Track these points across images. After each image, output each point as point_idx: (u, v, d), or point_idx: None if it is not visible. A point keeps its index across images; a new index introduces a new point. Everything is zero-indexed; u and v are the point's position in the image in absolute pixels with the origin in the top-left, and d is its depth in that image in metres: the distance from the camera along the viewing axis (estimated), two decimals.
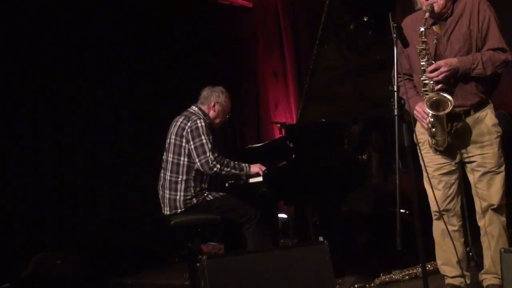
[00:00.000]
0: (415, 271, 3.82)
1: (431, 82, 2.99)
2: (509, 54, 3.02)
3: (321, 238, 3.89)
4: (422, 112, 3.07)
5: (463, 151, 3.11)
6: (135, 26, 5.88)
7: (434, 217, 3.24)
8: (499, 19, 3.09)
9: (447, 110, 2.92)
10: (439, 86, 2.99)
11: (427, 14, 2.99)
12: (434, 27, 3.12)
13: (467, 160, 3.12)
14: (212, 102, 4.24)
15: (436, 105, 2.96)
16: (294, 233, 5.08)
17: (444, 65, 2.97)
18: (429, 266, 3.65)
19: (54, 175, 5.26)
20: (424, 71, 3.01)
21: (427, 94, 2.99)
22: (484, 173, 3.07)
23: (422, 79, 3.02)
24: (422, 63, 3.02)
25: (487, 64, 2.97)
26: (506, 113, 4.43)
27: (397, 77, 2.71)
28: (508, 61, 3.02)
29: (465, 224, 3.65)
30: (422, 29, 2.98)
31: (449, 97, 2.93)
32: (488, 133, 3.07)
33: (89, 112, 5.59)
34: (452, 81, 3.02)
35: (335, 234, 3.99)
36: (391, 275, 3.84)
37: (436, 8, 3.02)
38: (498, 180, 3.07)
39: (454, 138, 3.07)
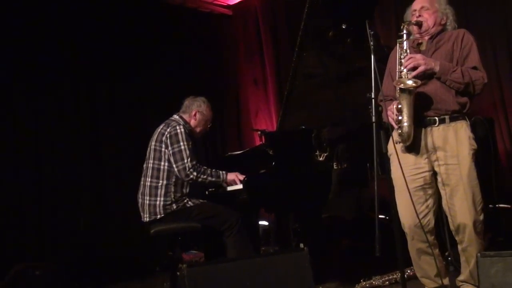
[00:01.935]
0: (395, 276, 3.84)
1: (407, 72, 3.02)
2: (485, 75, 3.10)
3: (301, 245, 3.89)
4: (392, 107, 3.07)
5: (435, 156, 3.09)
6: (115, 35, 5.87)
7: (407, 236, 3.17)
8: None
9: (415, 85, 2.93)
10: (414, 73, 3.01)
11: (414, 28, 3.14)
12: (420, 47, 3.21)
13: (438, 167, 3.09)
14: (193, 111, 4.27)
15: (404, 85, 2.98)
16: (275, 240, 5.08)
17: (420, 57, 3.04)
18: (408, 272, 3.66)
19: (35, 184, 5.21)
20: (400, 62, 3.07)
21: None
22: (456, 187, 3.04)
23: (398, 71, 3.07)
24: (400, 56, 3.08)
25: (466, 74, 3.03)
26: (483, 119, 4.50)
27: (375, 84, 2.74)
28: (484, 81, 3.08)
29: (444, 229, 3.68)
30: (402, 27, 3.10)
31: (415, 80, 2.96)
32: (463, 144, 3.07)
33: (70, 121, 5.55)
34: (430, 88, 3.05)
35: (316, 241, 4.00)
36: (371, 280, 3.85)
37: (424, 25, 3.15)
38: (471, 195, 3.03)
39: (427, 143, 3.08)
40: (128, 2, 6.06)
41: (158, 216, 4.02)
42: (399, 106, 2.99)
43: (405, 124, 2.98)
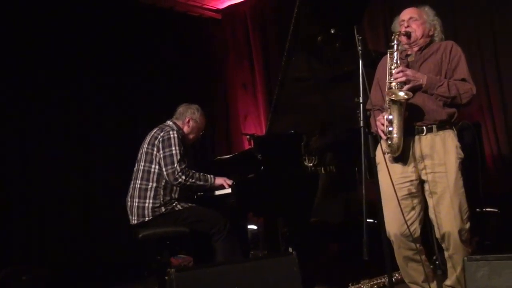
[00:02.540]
0: (383, 280, 3.86)
1: (396, 84, 3.05)
2: (473, 87, 3.14)
3: (290, 249, 3.90)
4: (381, 117, 3.09)
5: (423, 165, 3.11)
6: (104, 39, 5.85)
7: (393, 244, 3.17)
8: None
9: (406, 97, 2.95)
10: (405, 88, 3.04)
11: (403, 38, 3.15)
12: (409, 58, 3.25)
13: (426, 176, 3.11)
14: (187, 118, 4.31)
15: (395, 96, 3.00)
16: (264, 244, 5.07)
17: (410, 70, 3.07)
18: (396, 275, 3.69)
19: (22, 190, 5.16)
20: (391, 73, 3.10)
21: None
22: (442, 195, 3.06)
23: (388, 82, 3.09)
24: (391, 67, 3.10)
25: (452, 87, 3.06)
26: (470, 124, 4.53)
27: (363, 88, 2.76)
28: (473, 92, 3.12)
29: (432, 233, 3.70)
30: (393, 37, 3.13)
31: (407, 92, 2.99)
32: (450, 152, 3.10)
33: (58, 124, 5.50)
34: (418, 100, 3.08)
35: (304, 245, 4.00)
36: (360, 284, 3.87)
37: (413, 36, 3.17)
38: (458, 204, 3.05)
39: (415, 152, 3.11)
40: (116, 5, 6.04)
41: (146, 219, 4.01)
42: (390, 117, 3.01)
43: (395, 135, 3.01)
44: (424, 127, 3.10)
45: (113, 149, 5.78)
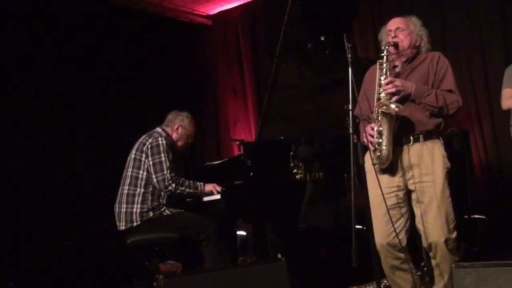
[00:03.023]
0: (371, 286, 3.86)
1: (385, 95, 3.05)
2: (460, 98, 3.16)
3: (279, 255, 3.90)
4: (370, 129, 3.09)
5: (410, 174, 3.12)
6: (93, 45, 5.82)
7: (380, 254, 3.16)
8: None
9: (397, 110, 2.95)
10: (393, 99, 3.04)
11: (391, 48, 3.15)
12: (396, 69, 3.25)
13: (413, 185, 3.11)
14: (176, 125, 4.30)
15: (386, 107, 2.99)
16: (252, 250, 5.07)
17: (399, 81, 3.08)
18: (385, 282, 3.69)
19: (9, 195, 5.12)
20: (380, 84, 3.09)
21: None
22: (429, 204, 3.06)
23: (377, 92, 3.09)
24: (380, 78, 3.10)
25: (440, 97, 3.08)
26: (459, 131, 4.57)
27: (352, 96, 2.77)
28: (459, 104, 3.14)
29: (419, 240, 3.71)
30: (383, 48, 3.13)
31: (398, 104, 2.98)
32: (437, 162, 3.10)
33: (46, 131, 5.45)
34: (406, 110, 3.09)
35: (293, 252, 4.00)
36: None
37: (400, 46, 3.17)
38: (444, 213, 3.06)
39: (402, 162, 3.11)
40: (106, 11, 6.03)
41: (135, 224, 3.99)
42: (380, 128, 3.01)
43: (384, 147, 3.01)
44: (411, 137, 3.11)
45: (103, 156, 5.74)
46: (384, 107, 2.96)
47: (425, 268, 3.97)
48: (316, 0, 4.20)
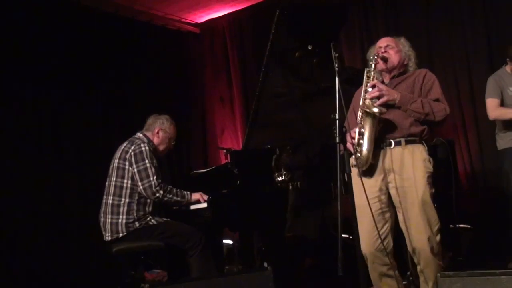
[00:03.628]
0: None
1: (370, 100, 3.09)
2: (447, 107, 3.20)
3: (265, 264, 3.89)
4: (353, 132, 3.11)
5: (391, 177, 3.15)
6: (80, 51, 5.80)
7: (367, 261, 3.18)
8: None
9: (379, 111, 2.99)
10: (378, 102, 3.09)
11: (380, 62, 3.21)
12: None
13: (394, 188, 3.14)
14: (156, 129, 4.26)
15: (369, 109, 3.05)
16: (239, 259, 5.06)
17: (384, 87, 3.13)
18: None
19: None
20: (366, 91, 3.14)
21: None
22: (412, 208, 3.09)
23: (362, 98, 3.14)
24: (367, 84, 3.15)
25: (426, 104, 3.12)
26: (444, 141, 4.60)
27: (339, 105, 2.78)
28: (447, 112, 3.18)
29: (404, 249, 3.72)
30: (372, 57, 3.18)
31: (381, 108, 3.03)
32: (418, 167, 3.13)
33: (30, 140, 5.38)
34: (390, 116, 3.12)
35: (279, 260, 4.00)
36: None
37: (389, 61, 3.24)
38: (427, 217, 3.08)
39: (383, 165, 3.14)
40: (94, 18, 6.01)
41: (120, 235, 3.96)
42: (362, 130, 3.04)
43: (364, 148, 3.05)
44: (392, 141, 3.14)
45: (88, 162, 5.70)
46: (367, 108, 3.03)
47: (410, 278, 3.97)
48: (304, 9, 4.22)
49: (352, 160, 3.07)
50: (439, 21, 5.60)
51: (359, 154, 3.06)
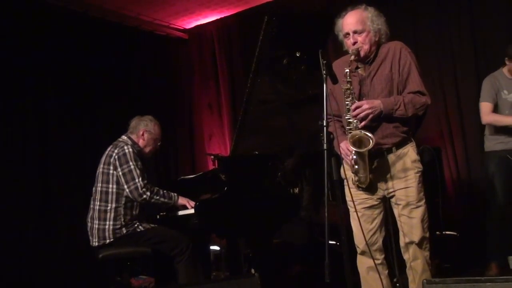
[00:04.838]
0: None
1: (355, 120, 3.04)
2: (428, 98, 3.15)
3: (253, 271, 3.88)
4: (346, 149, 3.12)
5: (385, 186, 3.18)
6: (66, 56, 5.77)
7: (358, 251, 3.27)
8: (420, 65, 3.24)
9: (369, 147, 2.97)
10: (363, 123, 3.03)
11: (352, 57, 3.08)
12: (359, 70, 3.21)
13: (389, 195, 3.19)
14: (140, 131, 4.25)
15: (358, 142, 3.01)
16: (226, 265, 5.04)
17: (366, 103, 3.03)
18: None
19: None
20: (348, 110, 3.06)
21: (351, 132, 3.04)
22: (405, 207, 3.14)
23: (346, 117, 3.08)
24: (346, 103, 3.07)
25: (409, 106, 3.08)
26: (430, 148, 4.63)
27: (326, 113, 2.79)
28: (427, 104, 3.14)
29: (392, 255, 3.74)
30: (347, 70, 3.05)
31: (370, 135, 2.99)
32: (409, 168, 3.16)
33: (15, 142, 5.35)
34: (375, 124, 3.10)
35: (267, 267, 3.99)
36: None
37: (362, 53, 3.13)
38: (418, 214, 3.13)
39: (377, 174, 3.16)
40: (82, 23, 5.99)
41: (107, 241, 3.94)
42: (355, 157, 3.03)
43: (361, 175, 3.09)
44: (384, 150, 3.15)
45: (74, 166, 5.66)
46: (356, 138, 2.99)
47: (397, 284, 3.98)
48: (292, 16, 4.24)
49: (352, 182, 3.14)
50: (426, 29, 5.64)
51: (357, 178, 3.12)
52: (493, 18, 5.21)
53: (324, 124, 2.78)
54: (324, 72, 2.83)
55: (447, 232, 4.87)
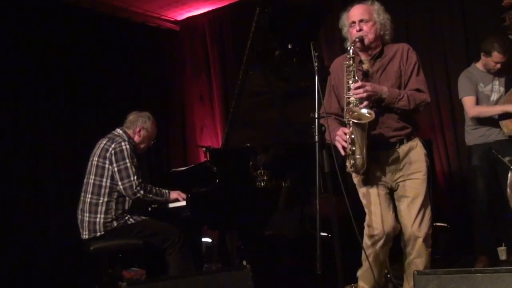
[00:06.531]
0: None
1: (355, 100, 3.02)
2: (428, 96, 3.18)
3: (244, 263, 3.88)
4: (342, 134, 3.07)
5: (394, 177, 3.19)
6: (58, 47, 5.73)
7: (372, 241, 3.18)
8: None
9: (371, 119, 2.93)
10: (363, 104, 3.01)
11: (358, 44, 3.10)
12: (363, 65, 3.20)
13: (398, 186, 3.19)
14: (138, 127, 4.23)
15: (358, 119, 2.97)
16: (217, 257, 5.05)
17: (369, 85, 3.02)
18: None
19: None
20: (349, 88, 3.05)
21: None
22: (413, 200, 3.14)
23: (346, 96, 3.06)
24: (347, 80, 3.06)
25: (411, 99, 3.10)
26: (422, 141, 4.64)
27: (318, 104, 2.79)
28: (427, 101, 3.17)
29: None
30: (349, 49, 3.06)
31: (370, 110, 2.96)
32: (420, 160, 3.18)
33: (7, 137, 5.31)
34: (385, 117, 3.13)
35: (258, 259, 4.00)
36: None
37: (366, 41, 3.12)
38: (426, 207, 3.15)
39: (387, 166, 3.17)
40: (72, 14, 5.95)
41: (98, 234, 3.93)
42: (352, 136, 3.00)
43: (358, 156, 3.02)
44: (397, 142, 3.16)
45: (65, 158, 5.64)
46: (356, 115, 2.95)
47: (388, 275, 4.00)
48: (284, 8, 4.22)
49: (348, 166, 3.11)
50: (418, 21, 5.65)
51: (353, 161, 3.06)
52: (484, 9, 5.22)
53: (316, 116, 2.78)
54: (316, 64, 2.82)
55: (438, 224, 4.89)
